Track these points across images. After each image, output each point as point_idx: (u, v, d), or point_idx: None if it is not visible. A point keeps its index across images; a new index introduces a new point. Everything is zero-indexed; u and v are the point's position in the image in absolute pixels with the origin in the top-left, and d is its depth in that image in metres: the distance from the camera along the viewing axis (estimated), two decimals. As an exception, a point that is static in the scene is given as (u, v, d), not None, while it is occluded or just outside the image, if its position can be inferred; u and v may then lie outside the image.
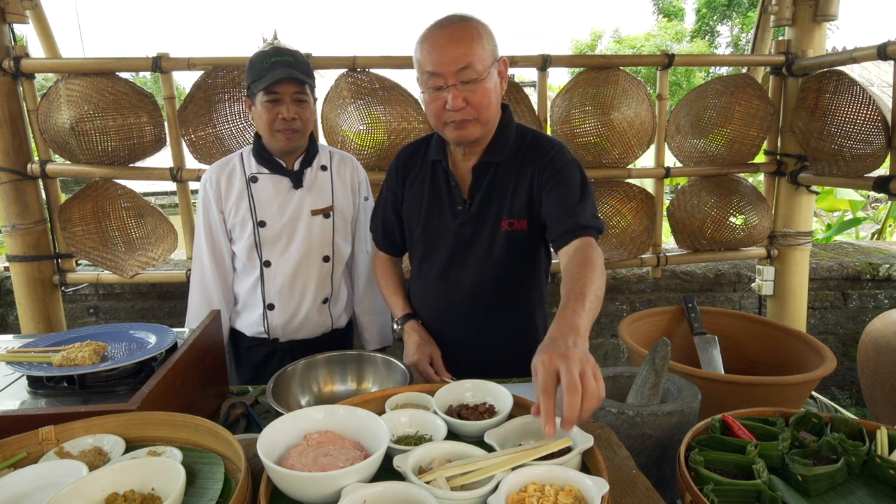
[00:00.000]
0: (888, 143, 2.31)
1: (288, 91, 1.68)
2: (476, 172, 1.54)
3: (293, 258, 1.82)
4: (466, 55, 1.34)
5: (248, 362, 1.95)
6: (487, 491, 0.76)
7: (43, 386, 1.19)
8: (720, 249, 2.91)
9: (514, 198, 1.52)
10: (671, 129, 2.80)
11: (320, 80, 2.55)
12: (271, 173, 1.81)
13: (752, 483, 0.85)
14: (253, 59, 1.71)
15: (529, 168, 1.51)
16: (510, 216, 1.52)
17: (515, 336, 1.66)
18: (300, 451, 0.84)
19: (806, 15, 2.70)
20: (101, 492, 0.78)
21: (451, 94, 1.37)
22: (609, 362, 3.28)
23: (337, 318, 1.95)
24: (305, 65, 1.72)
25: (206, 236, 1.85)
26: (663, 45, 20.14)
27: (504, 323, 1.65)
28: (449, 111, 1.39)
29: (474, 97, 1.38)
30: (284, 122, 1.69)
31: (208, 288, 1.86)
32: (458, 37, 1.36)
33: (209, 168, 1.87)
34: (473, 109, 1.40)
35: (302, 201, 1.82)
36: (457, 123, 1.42)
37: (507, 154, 1.52)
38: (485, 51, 1.38)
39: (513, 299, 1.63)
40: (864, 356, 1.64)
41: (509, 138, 1.53)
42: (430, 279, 1.67)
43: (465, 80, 1.36)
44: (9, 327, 3.04)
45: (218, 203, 1.82)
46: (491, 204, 1.54)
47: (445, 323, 1.68)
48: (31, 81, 2.45)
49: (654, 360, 1.10)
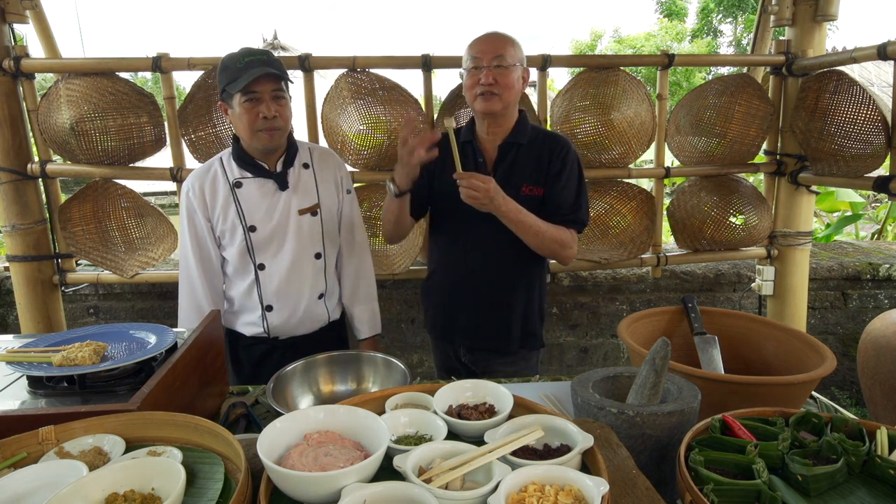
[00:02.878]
0: (888, 143, 2.30)
1: (267, 89, 1.67)
2: (501, 150, 1.88)
3: (286, 259, 1.83)
4: (500, 48, 1.77)
5: (246, 360, 1.95)
6: (487, 491, 0.76)
7: (43, 386, 1.19)
8: (720, 249, 2.91)
9: (533, 171, 1.87)
10: (671, 128, 2.80)
11: (320, 80, 2.56)
12: (255, 177, 1.80)
13: (752, 483, 0.85)
14: (225, 62, 1.70)
15: (547, 152, 1.88)
16: (530, 183, 1.86)
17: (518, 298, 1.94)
18: (300, 451, 0.84)
19: (806, 15, 2.70)
20: (101, 492, 0.77)
21: (484, 72, 1.76)
22: (609, 362, 3.28)
23: (332, 310, 1.98)
24: (279, 62, 1.72)
25: (193, 244, 1.83)
26: (663, 45, 20.13)
27: (511, 284, 1.93)
28: (481, 84, 1.77)
29: (502, 78, 1.76)
30: (266, 120, 1.68)
31: (197, 294, 1.85)
32: (496, 38, 1.81)
33: (189, 176, 1.84)
34: (499, 86, 1.77)
35: (289, 202, 1.82)
36: (484, 96, 1.78)
37: (528, 139, 1.89)
38: (514, 53, 1.80)
39: (523, 257, 1.89)
40: (864, 356, 1.64)
41: (528, 129, 1.91)
42: (455, 234, 1.94)
43: (497, 65, 1.76)
44: (9, 327, 3.04)
45: (204, 211, 1.80)
46: (512, 174, 1.86)
47: (468, 279, 1.93)
48: (31, 81, 2.45)
49: (654, 360, 1.10)
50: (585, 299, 3.20)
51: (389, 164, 2.59)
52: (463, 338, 2.00)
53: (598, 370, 1.23)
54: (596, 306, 3.22)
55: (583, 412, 1.11)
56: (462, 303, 1.97)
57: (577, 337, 3.23)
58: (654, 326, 1.63)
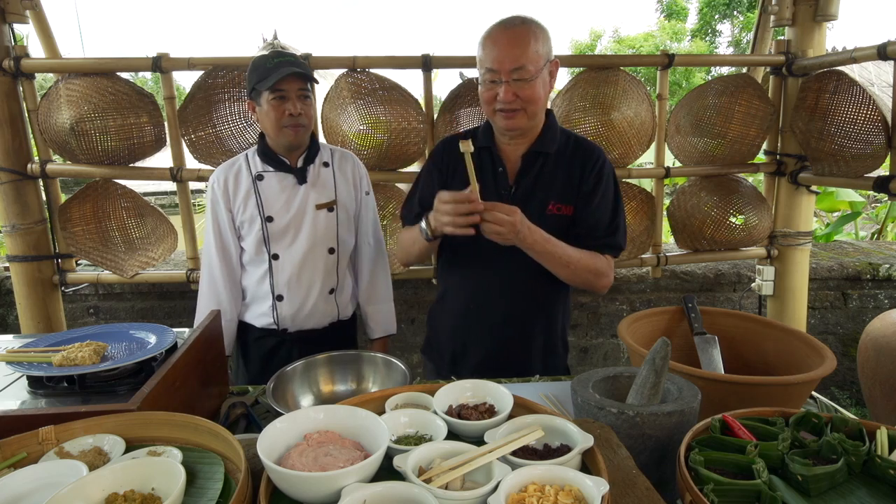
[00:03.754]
0: (888, 143, 2.30)
1: (293, 88, 1.76)
2: (526, 160, 1.64)
3: (300, 251, 1.89)
4: (521, 57, 1.48)
5: (255, 353, 1.99)
6: (487, 491, 0.76)
7: (43, 386, 1.19)
8: (720, 249, 2.91)
9: (563, 186, 1.63)
10: (671, 128, 2.80)
11: (321, 80, 2.56)
12: (276, 171, 1.88)
13: (752, 483, 0.85)
14: (256, 62, 1.79)
15: (579, 164, 1.64)
16: (558, 201, 1.63)
17: (538, 327, 1.74)
18: (300, 451, 0.84)
19: (806, 15, 2.70)
20: (101, 492, 0.77)
21: (503, 88, 1.50)
22: (609, 362, 3.28)
23: (343, 307, 2.02)
24: (305, 64, 1.82)
25: (215, 235, 1.91)
26: (663, 45, 20.12)
27: (531, 313, 1.72)
28: (500, 101, 1.53)
29: (523, 92, 1.51)
30: (291, 117, 1.77)
31: (217, 284, 1.92)
32: (516, 39, 1.49)
33: (216, 169, 1.93)
34: (522, 102, 1.53)
35: (307, 196, 1.89)
36: (506, 113, 1.54)
37: (556, 148, 1.65)
38: (539, 54, 1.50)
39: (545, 282, 1.66)
40: (864, 356, 1.64)
41: (557, 134, 1.67)
42: (472, 257, 1.70)
43: (517, 79, 1.49)
44: (9, 327, 3.04)
45: (226, 202, 1.89)
46: (536, 189, 1.63)
47: (479, 304, 1.72)
48: (31, 81, 2.45)
49: (654, 360, 1.10)
50: (585, 299, 3.20)
51: (389, 163, 2.59)
52: (474, 372, 1.71)
53: (598, 370, 1.23)
54: (596, 306, 3.22)
55: (583, 412, 1.11)
56: (474, 332, 1.75)
57: (577, 337, 3.23)
58: (654, 326, 1.63)
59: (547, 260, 1.55)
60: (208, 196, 1.92)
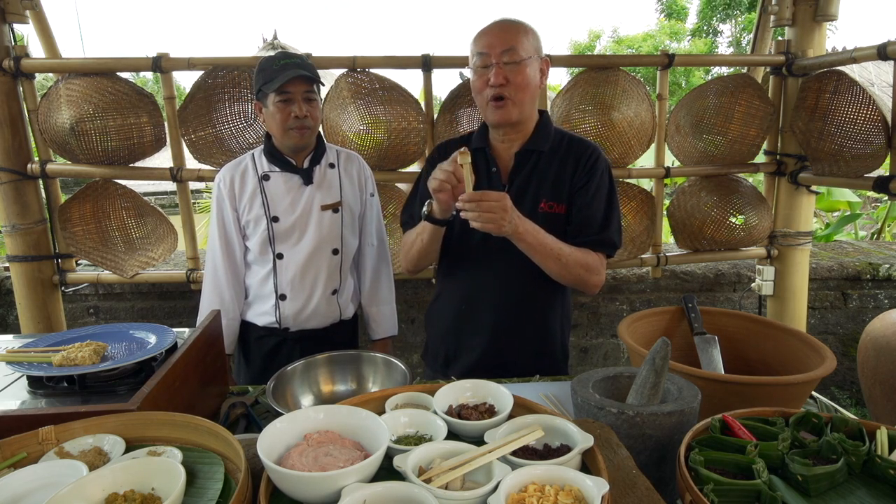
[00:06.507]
0: (888, 143, 2.30)
1: (299, 90, 1.77)
2: (518, 158, 1.66)
3: (304, 251, 1.90)
4: (510, 40, 1.53)
5: (257, 352, 2.00)
6: (487, 491, 0.76)
7: (43, 386, 1.20)
8: (720, 249, 2.91)
9: (555, 184, 1.64)
10: (671, 128, 2.80)
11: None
12: (282, 171, 1.89)
13: (752, 483, 0.85)
14: (263, 64, 1.80)
15: (573, 160, 1.65)
16: (550, 199, 1.63)
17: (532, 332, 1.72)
18: (300, 451, 0.84)
19: (806, 15, 2.70)
20: (101, 492, 0.77)
21: (494, 71, 1.53)
22: (609, 362, 3.28)
23: (345, 308, 2.03)
24: (312, 67, 1.81)
25: (220, 234, 1.92)
26: (662, 45, 20.11)
27: (524, 317, 1.70)
28: (491, 86, 1.54)
29: (514, 77, 1.53)
30: (297, 119, 1.78)
31: (220, 283, 1.93)
32: (506, 27, 1.56)
33: (222, 169, 1.94)
34: (512, 88, 1.54)
35: (312, 197, 1.90)
36: (496, 103, 1.56)
37: (550, 146, 1.66)
38: (528, 43, 1.55)
39: (540, 284, 1.66)
40: (864, 356, 1.64)
41: (550, 133, 1.68)
42: (466, 258, 1.71)
43: (507, 61, 1.52)
44: (9, 327, 3.04)
45: (232, 201, 1.90)
46: (529, 187, 1.64)
47: (471, 306, 1.72)
48: (31, 81, 2.45)
49: (654, 360, 1.10)
50: (585, 299, 3.20)
51: (389, 163, 2.59)
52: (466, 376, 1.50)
53: (598, 370, 1.23)
54: (596, 306, 3.22)
55: (583, 412, 1.11)
56: (465, 335, 1.73)
57: (577, 337, 3.23)
58: (654, 326, 1.63)
59: (538, 252, 1.53)
60: (214, 195, 1.93)
